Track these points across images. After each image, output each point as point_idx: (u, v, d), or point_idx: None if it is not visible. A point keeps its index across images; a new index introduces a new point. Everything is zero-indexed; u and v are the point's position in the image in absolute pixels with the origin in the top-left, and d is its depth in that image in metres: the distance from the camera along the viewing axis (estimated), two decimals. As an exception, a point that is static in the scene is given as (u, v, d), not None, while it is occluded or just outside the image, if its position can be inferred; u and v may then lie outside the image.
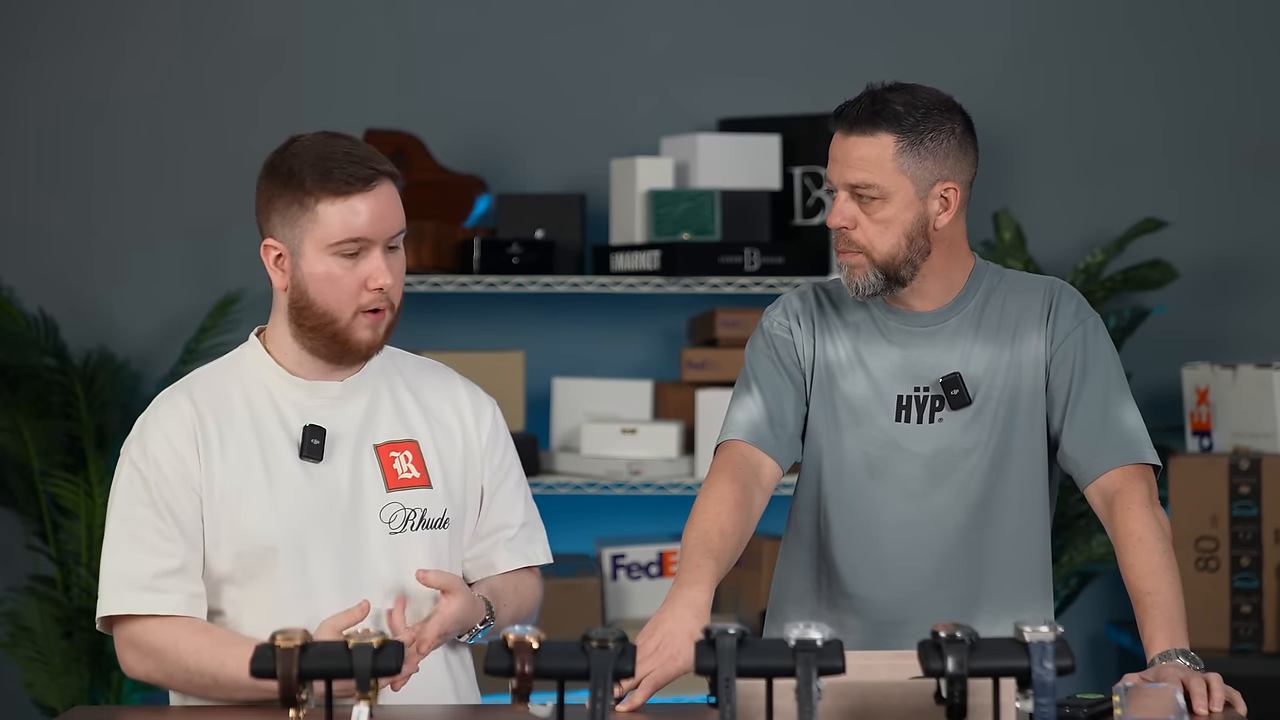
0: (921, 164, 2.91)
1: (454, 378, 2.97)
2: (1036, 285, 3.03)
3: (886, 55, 5.12)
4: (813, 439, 3.03)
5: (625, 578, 4.93)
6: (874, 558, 3.00)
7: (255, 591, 2.78)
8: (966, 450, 2.97)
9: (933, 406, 2.97)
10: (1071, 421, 2.96)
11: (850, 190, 2.92)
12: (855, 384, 3.00)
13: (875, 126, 2.91)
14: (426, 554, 2.83)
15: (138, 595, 2.75)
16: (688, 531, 2.89)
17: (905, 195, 2.92)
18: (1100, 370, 2.98)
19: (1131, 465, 2.92)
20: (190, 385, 2.85)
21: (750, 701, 2.36)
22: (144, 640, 2.77)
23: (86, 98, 5.18)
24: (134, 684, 4.87)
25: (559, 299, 5.09)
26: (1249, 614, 4.50)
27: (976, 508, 2.98)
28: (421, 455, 2.86)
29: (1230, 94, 5.20)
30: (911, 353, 2.99)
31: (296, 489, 2.78)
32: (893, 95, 2.93)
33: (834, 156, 2.96)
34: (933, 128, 2.92)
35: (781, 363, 3.04)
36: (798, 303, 3.08)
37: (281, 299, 2.82)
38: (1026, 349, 2.98)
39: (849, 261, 2.94)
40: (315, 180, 2.74)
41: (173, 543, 2.76)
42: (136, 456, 2.79)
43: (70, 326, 5.04)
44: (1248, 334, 5.16)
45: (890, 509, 2.99)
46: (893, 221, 2.92)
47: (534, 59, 5.19)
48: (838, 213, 2.94)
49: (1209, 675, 2.68)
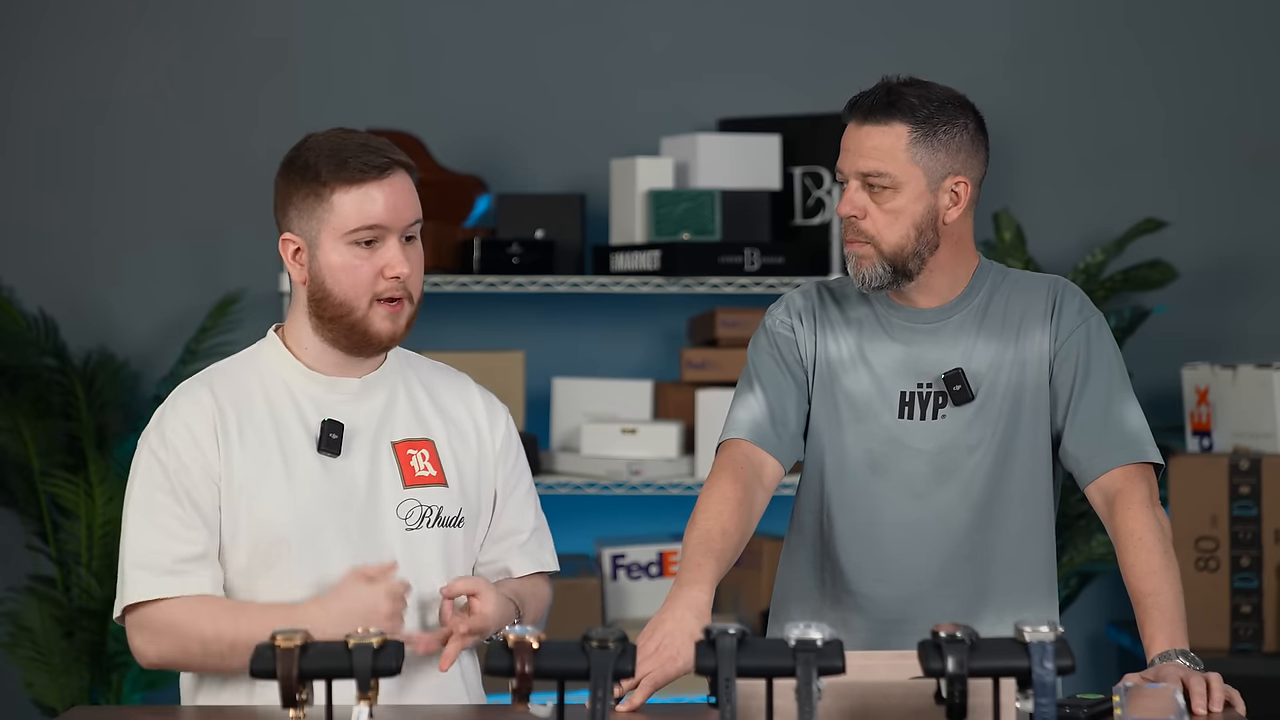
0: (934, 156, 2.92)
1: (469, 383, 2.99)
2: (1040, 283, 3.04)
3: (887, 55, 5.12)
4: (815, 437, 3.04)
5: (625, 578, 4.93)
6: (878, 556, 3.00)
7: (270, 583, 2.78)
8: (970, 447, 2.97)
9: (936, 403, 2.97)
10: (1074, 420, 2.96)
11: (862, 179, 2.93)
12: (858, 380, 3.00)
13: (890, 116, 2.91)
14: (440, 552, 2.84)
15: (160, 580, 2.74)
16: (689, 531, 2.89)
17: (916, 186, 2.92)
18: (1103, 368, 2.98)
19: (1133, 465, 2.92)
20: (209, 378, 2.86)
21: (750, 701, 2.36)
22: (158, 619, 2.75)
23: (87, 98, 5.18)
24: (134, 684, 4.87)
25: (559, 299, 5.09)
26: (1249, 614, 4.50)
27: (981, 506, 2.97)
28: (438, 454, 2.87)
29: (1230, 94, 5.20)
30: (914, 349, 2.99)
31: (314, 482, 2.79)
32: (907, 88, 2.94)
33: (846, 146, 2.96)
34: (946, 121, 2.93)
35: (784, 360, 3.04)
36: (800, 300, 3.08)
37: (301, 293, 2.84)
38: (1030, 346, 2.98)
39: (857, 252, 2.95)
40: (330, 170, 2.76)
41: (194, 530, 2.76)
42: (156, 445, 2.80)
43: (70, 326, 5.04)
44: (1248, 334, 5.16)
45: (894, 507, 2.99)
46: (903, 212, 2.92)
47: (534, 59, 5.19)
48: (847, 201, 2.94)
49: (1209, 675, 2.68)
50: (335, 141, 2.79)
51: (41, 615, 4.89)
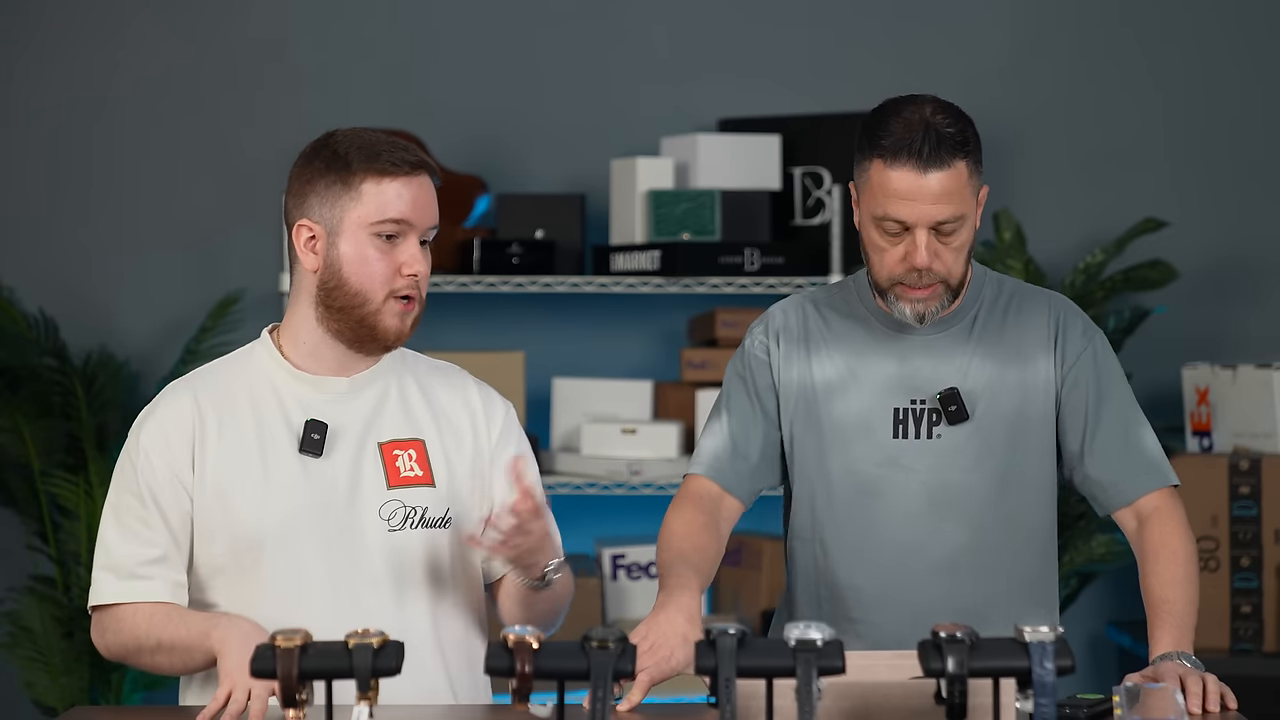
0: (979, 177, 2.87)
1: (466, 378, 2.98)
2: (1038, 302, 2.99)
3: (887, 55, 5.13)
4: (801, 464, 2.99)
5: (625, 578, 4.94)
6: (876, 581, 2.95)
7: (247, 584, 2.80)
8: (966, 468, 2.93)
9: (930, 420, 2.93)
10: (1092, 447, 2.93)
11: (933, 227, 2.83)
12: (847, 403, 2.95)
13: (950, 155, 2.81)
14: (424, 554, 2.83)
15: (121, 584, 2.81)
16: (661, 553, 2.89)
17: (973, 214, 2.87)
18: (1115, 392, 2.95)
19: (1165, 488, 2.93)
20: (194, 381, 2.88)
21: (750, 701, 2.36)
22: (114, 617, 2.83)
23: (86, 97, 5.18)
24: (134, 684, 4.87)
25: (559, 299, 5.09)
26: (1249, 614, 4.50)
27: (980, 529, 2.93)
28: (427, 454, 2.86)
29: (1230, 94, 5.20)
30: (908, 364, 2.94)
31: (292, 484, 2.80)
32: (937, 119, 2.83)
33: (904, 195, 2.81)
34: (974, 138, 2.86)
35: (755, 387, 3.00)
36: (781, 319, 3.02)
37: (309, 282, 2.82)
38: (1035, 372, 2.94)
39: (926, 295, 2.87)
40: (362, 160, 2.78)
41: (156, 531, 2.80)
42: (131, 446, 2.84)
43: (70, 326, 5.04)
44: (1248, 334, 5.16)
45: (889, 528, 2.94)
46: (966, 244, 2.87)
47: (534, 59, 5.19)
48: (924, 252, 2.82)
49: (1206, 675, 2.69)
50: (365, 136, 2.82)
51: (41, 615, 4.88)
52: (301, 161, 2.83)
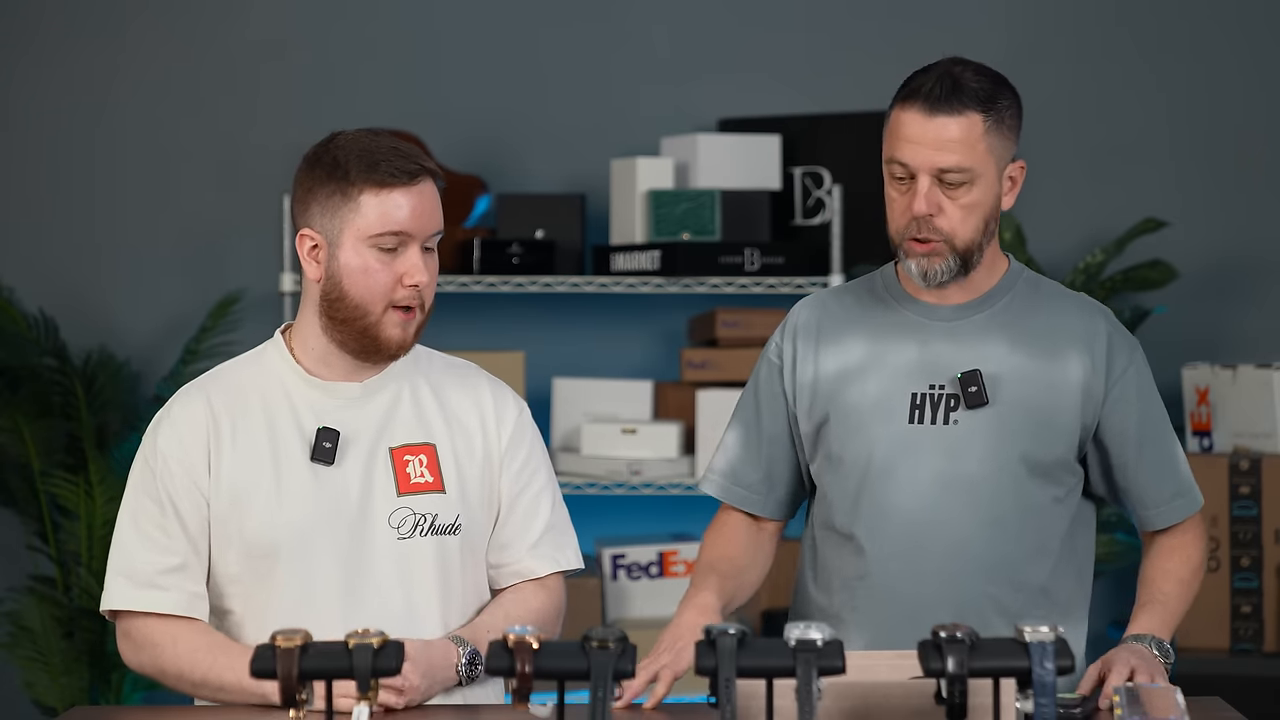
0: (1004, 142, 2.79)
1: (480, 378, 2.94)
2: (1076, 305, 2.92)
3: (886, 55, 5.12)
4: (823, 452, 2.93)
5: (625, 578, 4.93)
6: (889, 567, 2.88)
7: (261, 593, 2.79)
8: (981, 457, 2.84)
9: (948, 405, 2.84)
10: (1140, 465, 2.89)
11: (936, 175, 2.76)
12: (866, 385, 2.88)
13: (963, 104, 2.75)
14: (434, 561, 2.82)
15: (138, 592, 2.78)
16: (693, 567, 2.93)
17: (990, 177, 2.78)
18: (1157, 409, 2.92)
19: (1196, 513, 2.95)
20: (208, 384, 2.86)
21: (750, 701, 2.36)
22: (140, 634, 2.79)
23: (86, 99, 5.18)
24: (134, 684, 4.87)
25: (559, 299, 5.09)
26: (1249, 614, 4.50)
27: (995, 523, 2.85)
28: (438, 459, 2.84)
29: (1232, 94, 5.20)
30: (930, 349, 2.87)
31: (304, 492, 2.78)
32: (961, 70, 2.78)
33: (909, 137, 2.76)
34: (1007, 104, 2.79)
35: (769, 395, 2.98)
36: (803, 314, 2.98)
37: (313, 291, 2.81)
38: (1065, 369, 2.86)
39: (928, 250, 2.79)
40: (361, 171, 2.75)
41: (175, 539, 2.78)
42: (149, 452, 2.82)
43: (70, 326, 5.04)
44: (1248, 334, 5.16)
45: (903, 514, 2.87)
46: (977, 206, 2.78)
47: (534, 59, 5.19)
48: (922, 199, 2.76)
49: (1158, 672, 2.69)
50: (366, 142, 2.78)
51: (41, 615, 4.88)
52: (304, 167, 2.80)
